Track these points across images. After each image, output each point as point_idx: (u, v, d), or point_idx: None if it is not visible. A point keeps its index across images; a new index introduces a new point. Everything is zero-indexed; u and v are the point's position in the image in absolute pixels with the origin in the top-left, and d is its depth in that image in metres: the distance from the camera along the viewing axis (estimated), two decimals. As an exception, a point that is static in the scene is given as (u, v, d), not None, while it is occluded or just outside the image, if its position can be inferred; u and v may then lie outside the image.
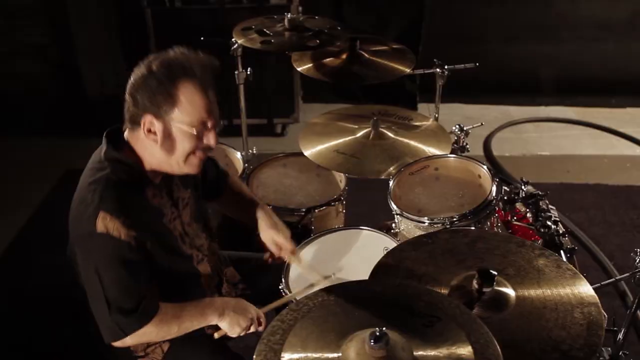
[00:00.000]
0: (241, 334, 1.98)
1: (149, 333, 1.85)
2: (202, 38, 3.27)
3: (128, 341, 1.84)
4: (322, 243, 2.42)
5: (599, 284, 1.90)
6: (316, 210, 2.73)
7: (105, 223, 1.74)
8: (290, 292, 2.18)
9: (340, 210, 2.85)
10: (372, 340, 1.34)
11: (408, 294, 1.54)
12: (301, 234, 2.57)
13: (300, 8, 4.31)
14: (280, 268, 2.26)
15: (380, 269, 1.73)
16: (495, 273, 1.59)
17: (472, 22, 4.94)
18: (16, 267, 3.52)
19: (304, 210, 2.72)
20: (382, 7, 4.84)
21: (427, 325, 1.44)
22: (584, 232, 3.63)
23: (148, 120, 1.78)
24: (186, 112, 1.77)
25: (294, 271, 2.27)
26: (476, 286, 1.60)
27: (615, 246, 3.52)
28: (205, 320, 1.93)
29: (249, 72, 3.23)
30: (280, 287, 2.21)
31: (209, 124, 1.82)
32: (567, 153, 4.50)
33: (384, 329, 1.35)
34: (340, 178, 2.93)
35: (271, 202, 2.75)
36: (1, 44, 4.77)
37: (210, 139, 1.84)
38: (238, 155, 3.08)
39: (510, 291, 1.63)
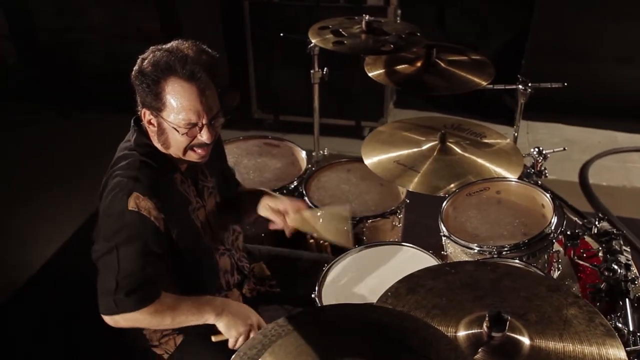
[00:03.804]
0: (240, 341, 1.89)
1: (142, 320, 1.83)
2: (281, 34, 3.28)
3: (120, 321, 1.82)
4: (360, 256, 2.32)
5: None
6: (369, 221, 2.63)
7: (138, 202, 1.77)
8: (321, 302, 2.12)
9: (397, 224, 2.73)
10: (343, 373, 1.25)
11: (404, 327, 1.41)
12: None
13: (399, 12, 4.19)
14: (317, 275, 2.19)
15: (389, 295, 1.61)
16: (508, 317, 1.43)
17: (583, 37, 4.53)
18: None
19: (356, 219, 2.63)
20: (487, 16, 4.60)
21: (414, 364, 1.32)
22: (678, 280, 3.26)
23: (147, 113, 1.83)
24: (173, 113, 1.78)
25: (329, 280, 2.21)
26: (485, 329, 1.45)
27: None
28: (202, 317, 1.88)
29: (324, 72, 3.18)
30: (312, 295, 2.14)
31: (199, 123, 1.80)
32: (673, 189, 4.06)
33: (360, 361, 1.25)
34: (403, 191, 2.80)
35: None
36: (115, 27, 5.03)
37: (203, 135, 1.82)
38: (303, 154, 3.03)
39: (525, 339, 1.46)
